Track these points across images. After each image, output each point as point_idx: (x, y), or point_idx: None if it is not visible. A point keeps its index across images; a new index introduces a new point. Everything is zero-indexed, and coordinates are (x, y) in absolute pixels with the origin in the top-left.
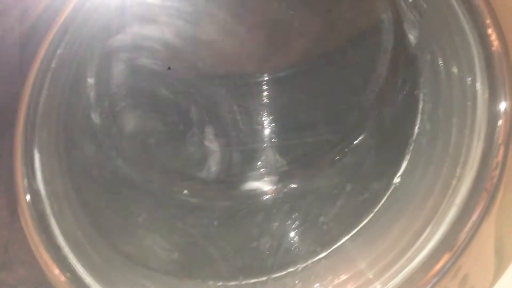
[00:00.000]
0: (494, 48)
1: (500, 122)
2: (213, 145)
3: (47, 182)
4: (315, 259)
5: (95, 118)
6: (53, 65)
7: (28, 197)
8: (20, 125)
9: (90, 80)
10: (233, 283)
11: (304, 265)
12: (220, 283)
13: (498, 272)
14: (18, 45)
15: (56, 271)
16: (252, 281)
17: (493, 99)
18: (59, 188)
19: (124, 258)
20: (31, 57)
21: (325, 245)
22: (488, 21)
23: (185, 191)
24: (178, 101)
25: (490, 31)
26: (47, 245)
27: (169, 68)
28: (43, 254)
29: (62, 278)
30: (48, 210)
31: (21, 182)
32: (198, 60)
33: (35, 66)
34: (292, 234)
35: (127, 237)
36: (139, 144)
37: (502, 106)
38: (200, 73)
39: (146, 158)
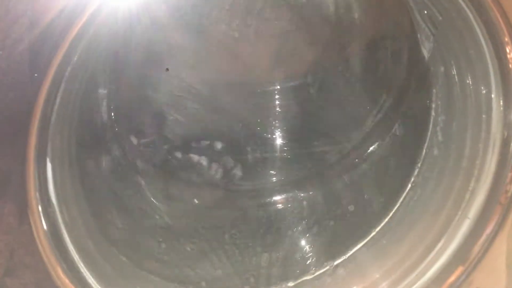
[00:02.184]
0: (511, 66)
1: None
2: (224, 155)
3: (58, 191)
4: (325, 269)
5: (108, 128)
6: (67, 73)
7: (39, 205)
8: (33, 134)
9: (103, 90)
10: None
11: (315, 275)
12: None
13: (510, 287)
14: (28, 53)
15: (66, 279)
16: None
17: (508, 113)
18: (71, 197)
19: (135, 267)
20: (45, 65)
21: (336, 256)
22: (506, 39)
23: (195, 200)
24: (189, 111)
25: (508, 49)
26: (57, 253)
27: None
28: (52, 262)
29: (71, 285)
30: (59, 219)
31: (33, 190)
32: (208, 69)
33: (49, 75)
34: (302, 244)
35: (138, 247)
36: (151, 153)
37: None
38: (210, 82)
39: (157, 167)
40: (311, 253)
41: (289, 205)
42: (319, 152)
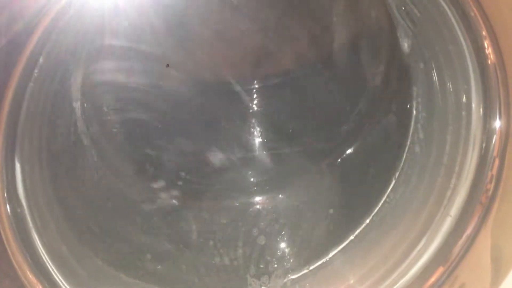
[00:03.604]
0: (489, 61)
1: (495, 133)
2: (201, 154)
3: (29, 195)
4: (303, 273)
5: (80, 128)
6: (35, 74)
7: (8, 209)
8: (0, 134)
9: (75, 89)
10: None
11: (292, 278)
12: None
13: (495, 282)
14: (5, 52)
15: (38, 286)
16: None
17: (488, 110)
18: (42, 200)
19: (112, 271)
20: (12, 64)
21: (314, 258)
22: (484, 33)
23: (174, 201)
24: (166, 108)
25: (486, 43)
26: (30, 260)
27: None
28: (25, 271)
29: None
30: (30, 224)
31: (0, 193)
32: (188, 67)
33: (16, 74)
34: (280, 246)
35: (113, 250)
36: (126, 154)
37: (497, 117)
38: (190, 80)
39: (132, 168)
40: (290, 256)
41: (267, 206)
42: (299, 152)
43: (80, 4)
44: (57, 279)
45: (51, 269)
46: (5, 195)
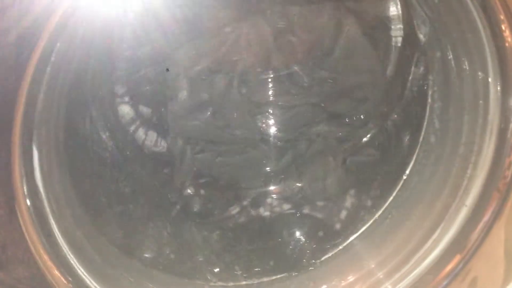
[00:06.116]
0: (507, 45)
1: None
2: (215, 144)
3: (46, 180)
4: (322, 259)
5: (96, 115)
6: (52, 59)
7: (26, 195)
8: (18, 122)
9: (90, 77)
10: (235, 283)
11: (310, 265)
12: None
13: (508, 276)
14: (16, 44)
15: (55, 271)
16: (256, 282)
17: (506, 97)
18: (59, 186)
19: (125, 256)
20: (29, 52)
21: (332, 245)
22: (501, 17)
23: (189, 191)
24: (181, 96)
25: (504, 27)
26: (46, 244)
27: (167, 70)
28: (41, 254)
29: (61, 278)
30: (47, 209)
31: (19, 179)
32: (201, 56)
33: (33, 63)
34: (297, 233)
35: (127, 236)
36: (142, 141)
37: None
38: (203, 70)
39: (148, 156)
40: (306, 244)
41: (283, 195)
42: (314, 140)
43: None
44: (72, 263)
45: (67, 253)
46: (23, 182)
